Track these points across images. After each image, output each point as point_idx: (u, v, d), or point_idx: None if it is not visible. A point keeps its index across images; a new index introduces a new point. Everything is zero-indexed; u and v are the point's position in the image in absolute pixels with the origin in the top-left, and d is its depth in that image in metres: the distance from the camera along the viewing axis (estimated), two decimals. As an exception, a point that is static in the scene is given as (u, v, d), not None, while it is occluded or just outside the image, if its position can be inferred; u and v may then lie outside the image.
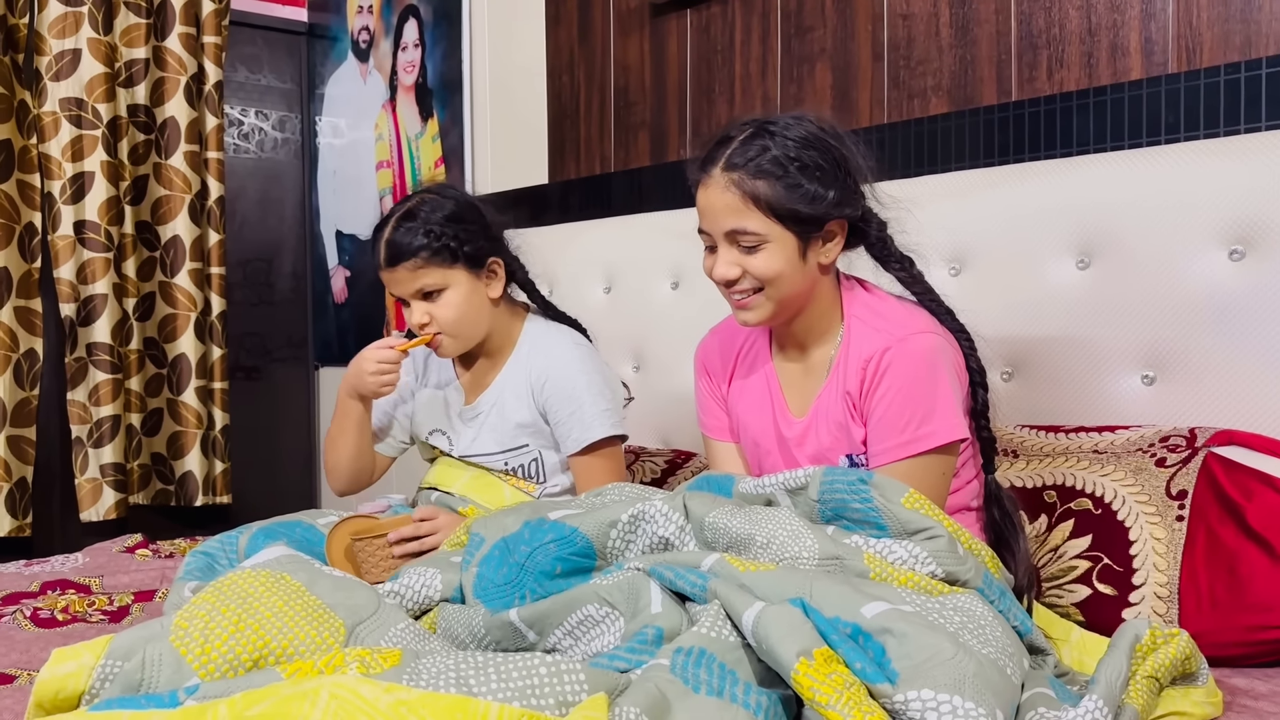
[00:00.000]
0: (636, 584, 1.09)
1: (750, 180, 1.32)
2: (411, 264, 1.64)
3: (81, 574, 1.89)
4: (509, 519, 1.32)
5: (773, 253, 1.34)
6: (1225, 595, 1.29)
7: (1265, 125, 1.54)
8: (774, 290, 1.36)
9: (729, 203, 1.33)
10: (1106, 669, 1.04)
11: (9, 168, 2.72)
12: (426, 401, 1.80)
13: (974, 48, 1.87)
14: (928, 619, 1.01)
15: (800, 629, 0.97)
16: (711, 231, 1.37)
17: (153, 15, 2.97)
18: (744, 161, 1.33)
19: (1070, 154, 1.72)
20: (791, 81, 2.14)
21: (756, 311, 1.39)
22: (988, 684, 0.94)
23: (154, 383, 3.02)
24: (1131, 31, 1.68)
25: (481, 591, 1.23)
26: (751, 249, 1.34)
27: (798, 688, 0.92)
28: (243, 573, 1.16)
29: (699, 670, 0.94)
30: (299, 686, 0.87)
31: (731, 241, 1.35)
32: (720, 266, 1.37)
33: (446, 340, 1.67)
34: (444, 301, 1.65)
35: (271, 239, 3.45)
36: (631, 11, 2.46)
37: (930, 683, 0.92)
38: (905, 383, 1.32)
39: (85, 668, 1.03)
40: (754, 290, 1.37)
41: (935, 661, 0.94)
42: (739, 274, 1.36)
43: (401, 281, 1.66)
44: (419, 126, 2.99)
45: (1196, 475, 1.37)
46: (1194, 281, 1.52)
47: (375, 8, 3.16)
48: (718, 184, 1.34)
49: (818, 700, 0.90)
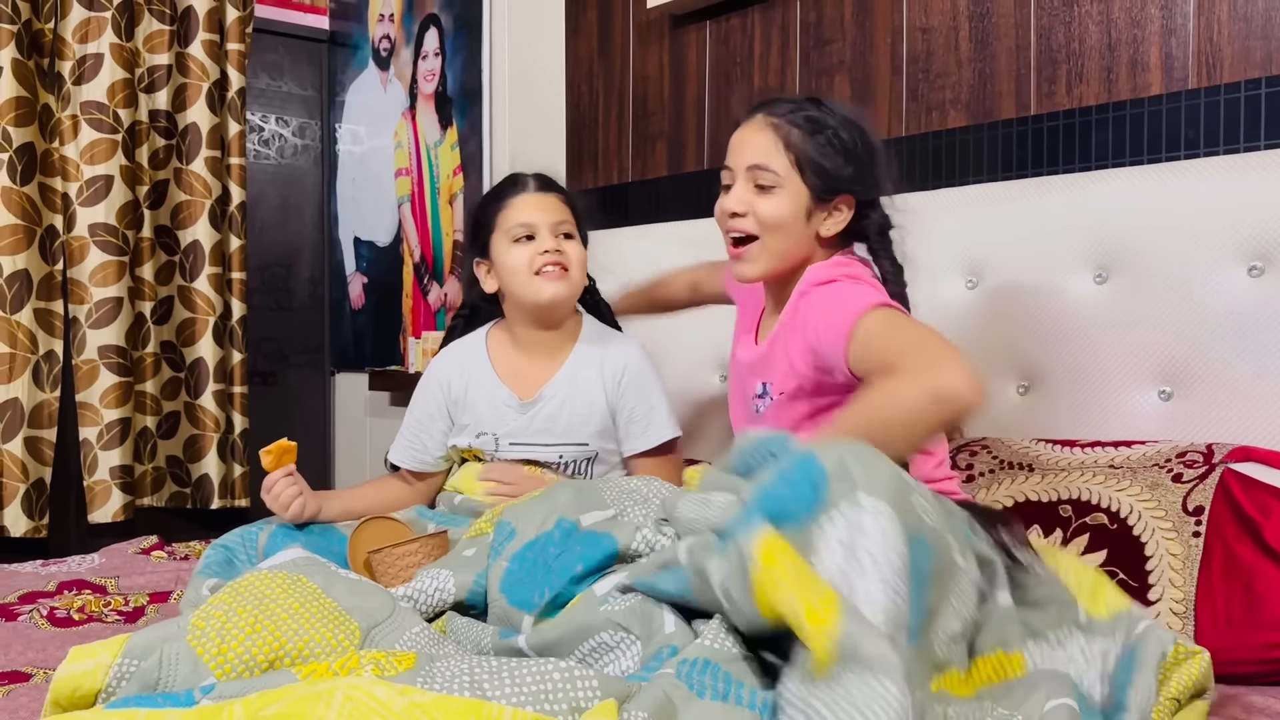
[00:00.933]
0: (648, 607, 1.09)
1: (787, 127, 1.40)
2: (562, 197, 1.74)
3: (98, 574, 1.90)
4: (541, 514, 1.32)
5: (783, 199, 1.40)
6: (1241, 612, 1.28)
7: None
8: (771, 240, 1.41)
9: (762, 140, 1.40)
10: (1137, 693, 1.02)
11: (30, 170, 2.75)
12: (473, 401, 1.77)
13: (993, 61, 1.87)
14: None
15: (746, 545, 0.96)
16: (735, 166, 1.43)
17: (176, 22, 2.99)
18: (787, 112, 1.41)
19: (1089, 169, 1.72)
20: (810, 94, 2.14)
21: (754, 264, 1.43)
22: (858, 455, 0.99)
23: (170, 386, 3.04)
24: (1152, 47, 1.68)
25: (507, 587, 1.24)
26: (766, 189, 1.40)
27: (763, 609, 0.92)
28: (260, 574, 1.17)
29: (704, 677, 0.94)
30: (314, 687, 0.88)
31: (750, 178, 1.41)
32: (730, 199, 1.42)
33: (573, 274, 1.70)
34: (574, 245, 1.73)
35: (290, 245, 3.47)
36: (651, 23, 2.47)
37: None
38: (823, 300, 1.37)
39: (102, 666, 1.03)
40: (749, 237, 1.42)
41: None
42: (746, 210, 1.41)
43: (548, 207, 1.71)
44: (438, 135, 3.01)
45: (1213, 491, 1.37)
46: (1212, 297, 1.51)
47: (396, 16, 3.18)
48: (757, 124, 1.42)
49: (773, 599, 0.90)
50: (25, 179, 2.73)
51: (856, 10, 2.06)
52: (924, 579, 0.99)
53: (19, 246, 2.72)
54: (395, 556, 1.48)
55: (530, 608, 1.20)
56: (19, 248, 2.72)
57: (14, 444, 2.71)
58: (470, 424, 1.76)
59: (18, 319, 2.72)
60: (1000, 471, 1.55)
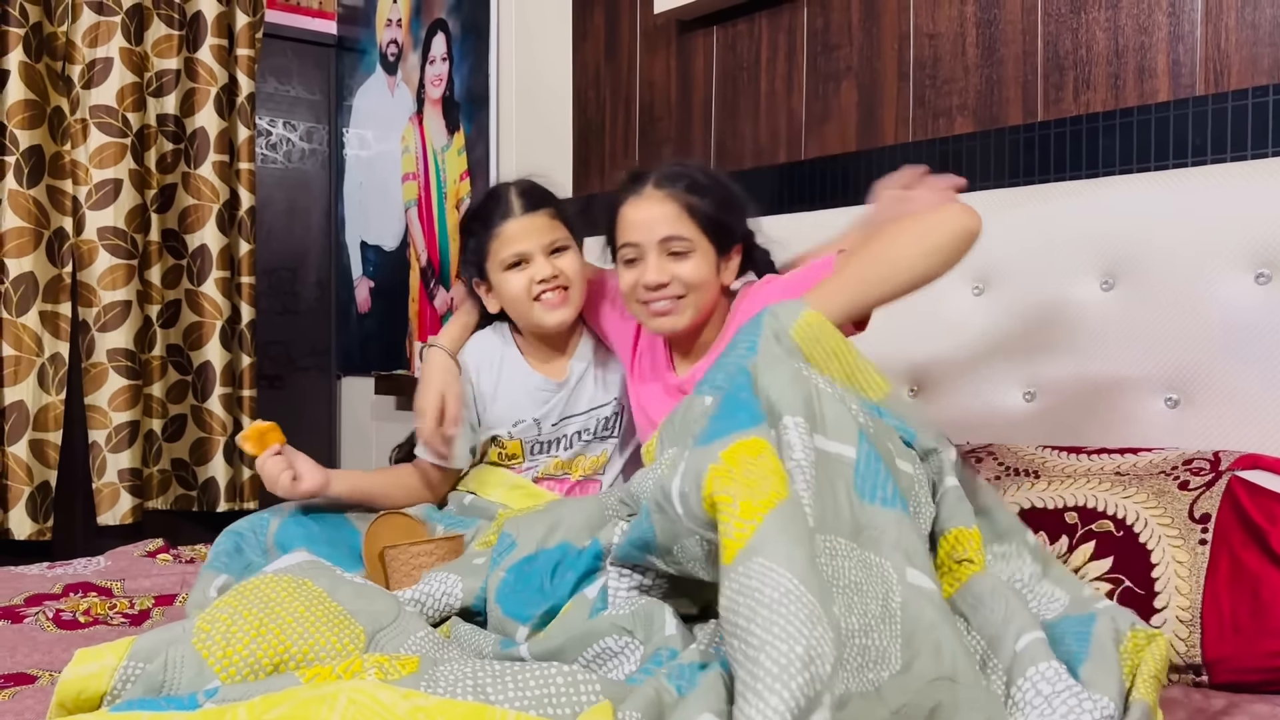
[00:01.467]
0: (649, 609, 1.09)
1: (684, 194, 1.51)
2: (550, 211, 1.71)
3: (103, 577, 1.90)
4: (544, 529, 1.33)
5: (699, 261, 1.52)
6: (1248, 620, 1.28)
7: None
8: (695, 297, 1.53)
9: (666, 211, 1.51)
10: (1103, 675, 1.02)
11: (38, 173, 2.76)
12: (504, 395, 1.78)
13: (1000, 68, 1.87)
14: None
15: (711, 449, 0.98)
16: (643, 241, 1.52)
17: (185, 27, 3.01)
18: (675, 179, 1.53)
19: (1096, 175, 1.72)
20: (817, 99, 2.15)
21: (681, 316, 1.53)
22: (804, 403, 1.09)
23: (177, 389, 3.04)
24: (1159, 53, 1.68)
25: (502, 597, 1.25)
26: (681, 255, 1.51)
27: (707, 505, 0.93)
28: (265, 577, 1.17)
29: (695, 676, 0.95)
30: (318, 691, 0.88)
31: (663, 249, 1.51)
32: (651, 272, 1.51)
33: (573, 295, 1.71)
34: (569, 257, 1.72)
35: (297, 249, 3.48)
36: (658, 28, 2.47)
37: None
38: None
39: (107, 669, 1.04)
40: (677, 297, 1.52)
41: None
42: (669, 279, 1.51)
43: (537, 230, 1.69)
44: (445, 139, 3.02)
45: (1220, 499, 1.36)
46: (1220, 304, 1.51)
47: (404, 21, 3.19)
48: (653, 197, 1.52)
49: (716, 493, 0.92)
50: (33, 181, 2.74)
51: (864, 16, 2.06)
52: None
53: (26, 249, 2.73)
54: (410, 555, 1.48)
55: (524, 619, 1.21)
56: (25, 250, 2.73)
57: (19, 447, 2.72)
58: (506, 415, 1.77)
59: (24, 321, 2.73)
60: (1006, 478, 1.54)
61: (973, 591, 1.11)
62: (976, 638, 1.07)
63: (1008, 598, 1.08)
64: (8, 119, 2.70)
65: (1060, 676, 0.97)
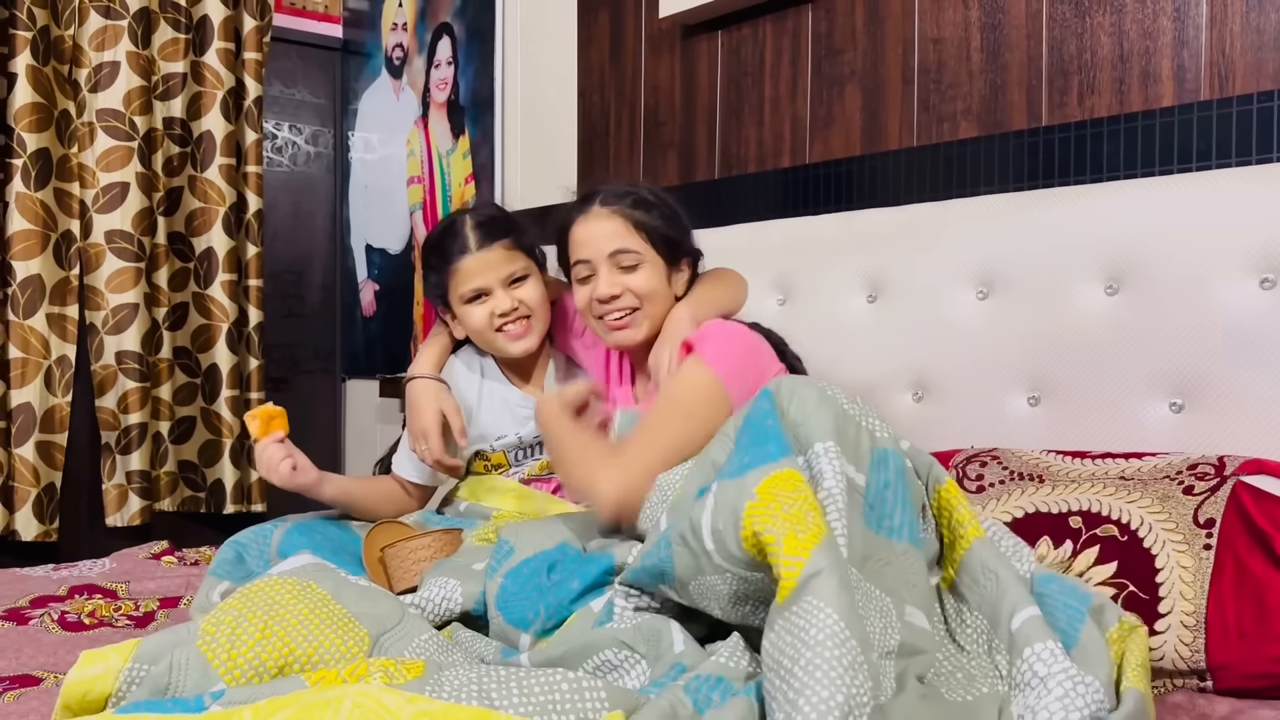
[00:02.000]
0: (655, 625, 1.09)
1: (630, 209, 1.58)
2: (506, 243, 1.71)
3: (108, 579, 1.91)
4: (542, 534, 1.33)
5: (649, 272, 1.57)
6: (1253, 626, 1.27)
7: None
8: (650, 307, 1.58)
9: (614, 227, 1.57)
10: (1085, 658, 1.02)
11: (46, 176, 2.77)
12: (486, 414, 1.80)
13: (1004, 72, 1.87)
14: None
15: (745, 483, 0.99)
16: (594, 257, 1.57)
17: (191, 30, 3.01)
18: (620, 197, 1.59)
19: (1100, 180, 1.71)
20: (821, 104, 2.15)
21: (638, 329, 1.58)
22: (838, 430, 1.08)
23: (185, 391, 3.05)
24: (1164, 58, 1.68)
25: (503, 604, 1.24)
26: (631, 268, 1.56)
27: (746, 543, 0.94)
28: (269, 580, 1.18)
29: (712, 693, 0.94)
30: (323, 694, 0.88)
31: (613, 263, 1.56)
32: (603, 285, 1.56)
33: (535, 324, 1.73)
34: (530, 286, 1.72)
35: (302, 252, 3.49)
36: (662, 32, 2.48)
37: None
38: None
39: (112, 670, 1.04)
40: (631, 310, 1.57)
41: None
42: (621, 290, 1.56)
43: (494, 264, 1.70)
44: (450, 143, 3.02)
45: (1225, 504, 1.36)
46: (1224, 309, 1.51)
47: (409, 25, 3.19)
48: (600, 215, 1.58)
49: (759, 532, 0.92)
50: (40, 184, 2.75)
51: (868, 20, 2.07)
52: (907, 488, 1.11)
53: (33, 251, 2.74)
54: (408, 551, 1.49)
55: (526, 626, 1.20)
56: (33, 253, 2.74)
57: (26, 448, 2.73)
58: (489, 431, 1.78)
59: (31, 324, 2.74)
60: (1010, 482, 1.54)
61: (968, 571, 1.12)
62: (978, 616, 1.08)
63: (996, 571, 1.09)
64: (15, 122, 2.71)
65: (1056, 658, 0.98)
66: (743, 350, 1.51)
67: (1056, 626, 1.05)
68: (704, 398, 1.43)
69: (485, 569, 1.34)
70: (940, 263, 1.82)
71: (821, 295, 1.99)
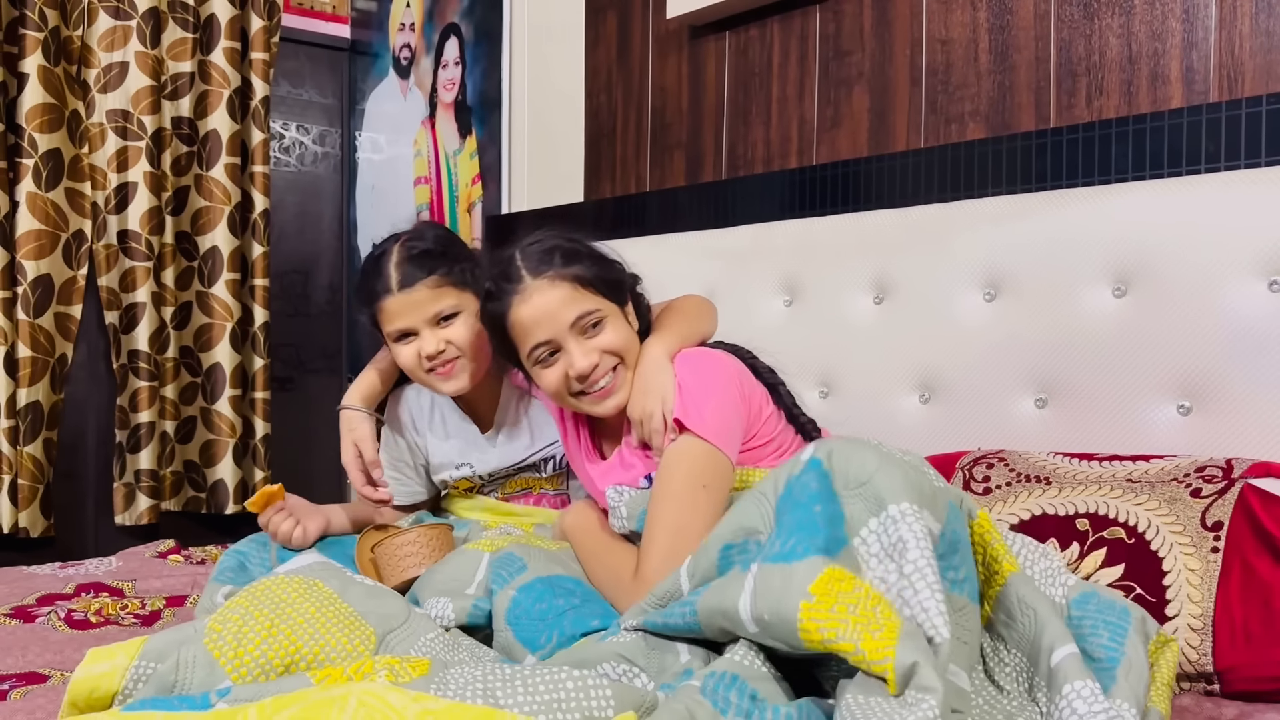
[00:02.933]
0: (659, 644, 1.08)
1: (564, 268, 1.41)
2: (432, 281, 1.60)
3: (115, 578, 1.91)
4: (556, 563, 1.33)
5: (614, 324, 1.43)
6: (1260, 629, 1.27)
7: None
8: (630, 358, 1.44)
9: (563, 294, 1.40)
10: (1130, 674, 1.02)
11: (57, 176, 2.77)
12: (441, 443, 1.79)
13: (1012, 74, 1.86)
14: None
15: (794, 573, 0.96)
16: (554, 334, 1.40)
17: (198, 30, 3.02)
18: (548, 261, 1.41)
19: (1108, 182, 1.71)
20: (829, 105, 2.15)
21: (624, 387, 1.44)
22: (912, 486, 1.01)
23: (188, 391, 3.06)
24: (1172, 60, 1.68)
25: (514, 619, 1.22)
26: (597, 326, 1.41)
27: (809, 642, 0.92)
28: (276, 579, 1.18)
29: (729, 693, 0.93)
30: (328, 692, 0.88)
31: (578, 331, 1.40)
32: (579, 360, 1.39)
33: (462, 364, 1.63)
34: (460, 324, 1.62)
35: (309, 252, 3.49)
36: (670, 33, 2.48)
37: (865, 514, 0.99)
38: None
39: (119, 668, 1.04)
40: (612, 369, 1.42)
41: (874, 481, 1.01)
42: (598, 357, 1.40)
43: (419, 305, 1.60)
44: (457, 143, 3.02)
45: (1233, 507, 1.36)
46: (1232, 312, 1.50)
47: (417, 25, 3.20)
48: (539, 288, 1.40)
49: (827, 638, 0.90)
50: (51, 184, 2.76)
51: (876, 22, 2.06)
52: (964, 546, 1.05)
53: (43, 251, 2.74)
54: (395, 547, 1.49)
55: (536, 648, 1.19)
56: (43, 253, 2.74)
57: (34, 446, 2.73)
58: (448, 459, 1.78)
59: (39, 323, 2.75)
60: (1017, 484, 1.54)
61: (1004, 608, 1.09)
62: (1016, 654, 1.06)
63: (1035, 606, 1.07)
64: (26, 122, 2.72)
65: (1096, 697, 0.97)
66: (722, 392, 1.39)
67: (1099, 643, 1.05)
68: (709, 474, 1.32)
69: (480, 587, 1.32)
70: (947, 264, 1.81)
71: (828, 296, 1.98)
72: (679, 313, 1.55)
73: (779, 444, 1.47)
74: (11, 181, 2.74)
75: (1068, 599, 1.14)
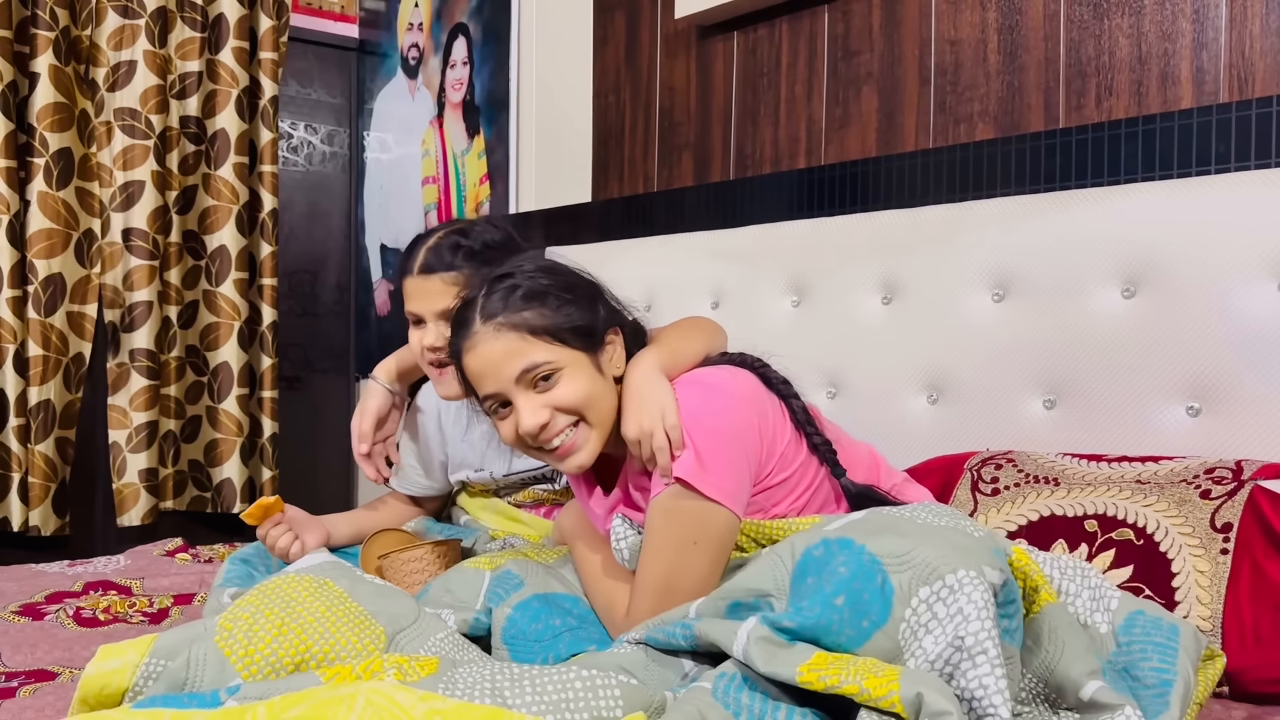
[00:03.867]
0: (660, 658, 1.07)
1: (517, 315, 1.26)
2: (450, 277, 1.56)
3: (123, 575, 1.92)
4: (554, 578, 1.32)
5: (573, 376, 1.26)
6: (1270, 631, 1.27)
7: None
8: (592, 414, 1.27)
9: (508, 346, 1.25)
10: (1180, 687, 1.02)
11: (68, 175, 2.78)
12: (460, 443, 1.78)
13: (1022, 74, 1.86)
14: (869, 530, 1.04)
15: (792, 647, 0.96)
16: (501, 389, 1.26)
17: (207, 29, 3.03)
18: (502, 306, 1.27)
19: (1118, 183, 1.71)
20: (837, 105, 2.14)
21: (588, 444, 1.28)
22: (957, 548, 0.98)
23: (194, 390, 3.06)
24: (1183, 60, 1.67)
25: (510, 638, 1.21)
26: (548, 379, 1.25)
27: (809, 687, 0.91)
28: (286, 578, 1.18)
29: (740, 695, 0.93)
30: (336, 691, 0.88)
31: (527, 385, 1.25)
32: (527, 418, 1.25)
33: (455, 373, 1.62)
34: None
35: (317, 251, 3.50)
36: (678, 33, 2.48)
37: (922, 580, 0.96)
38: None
39: (130, 665, 1.04)
40: (572, 425, 1.27)
41: (903, 560, 0.98)
42: (549, 415, 1.25)
43: (432, 294, 1.56)
44: (465, 143, 3.03)
45: (1242, 508, 1.35)
46: (1242, 313, 1.50)
47: (425, 25, 3.20)
48: (486, 337, 1.26)
49: (830, 685, 0.89)
50: (62, 184, 2.77)
51: (885, 22, 2.06)
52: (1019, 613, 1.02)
53: (55, 250, 2.75)
54: (403, 561, 1.49)
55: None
56: (55, 251, 2.75)
57: (45, 445, 2.74)
58: (467, 460, 1.77)
59: (51, 321, 2.76)
60: (1025, 485, 1.54)
61: (1031, 634, 1.07)
62: (1031, 678, 1.04)
63: (1065, 639, 1.04)
64: (37, 122, 2.73)
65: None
66: (730, 440, 1.25)
67: (1150, 668, 1.04)
68: (700, 530, 1.22)
69: (482, 604, 1.31)
70: (956, 265, 1.81)
71: (836, 297, 1.98)
72: (673, 328, 1.43)
73: (795, 483, 1.33)
74: (22, 181, 2.75)
75: (1114, 625, 1.12)
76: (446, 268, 1.56)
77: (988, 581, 0.95)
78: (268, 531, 1.59)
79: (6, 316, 2.70)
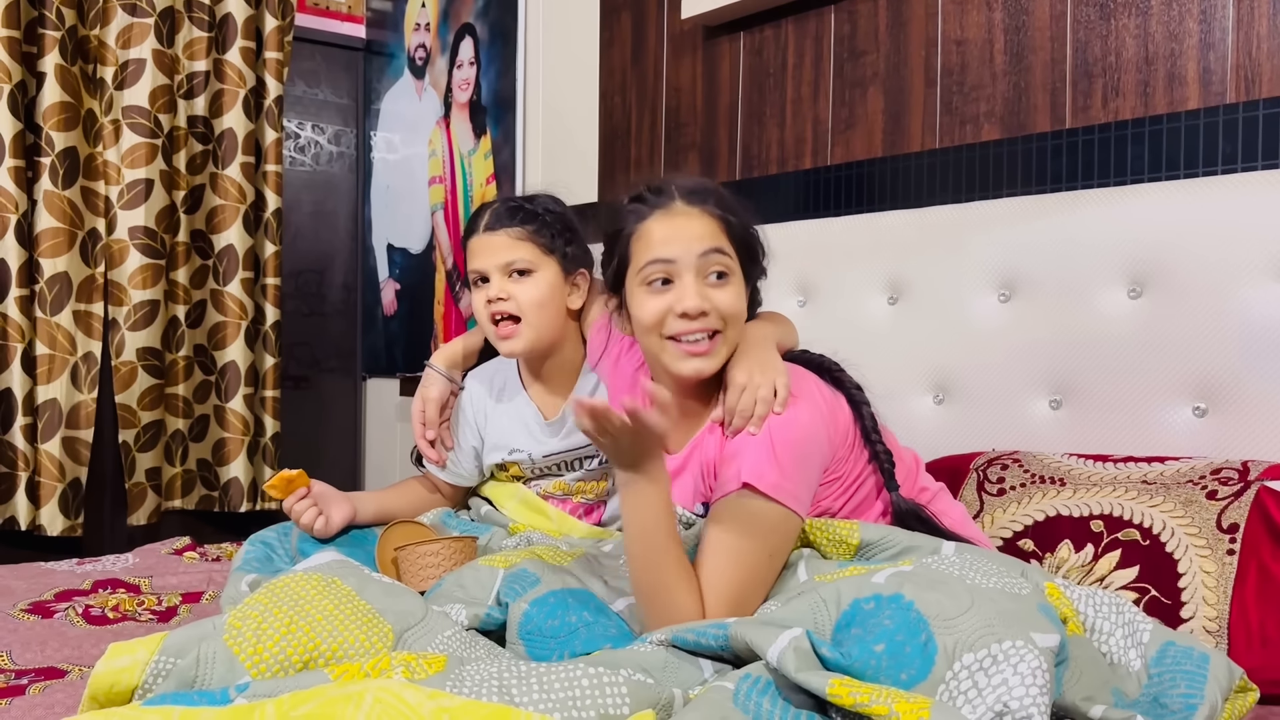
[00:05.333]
0: (680, 661, 1.06)
1: (718, 210, 1.30)
2: (516, 232, 1.63)
3: (132, 574, 1.92)
4: (570, 576, 1.32)
5: (736, 290, 1.30)
6: (1276, 631, 1.27)
7: (1325, 157, 1.52)
8: (731, 333, 1.30)
9: (707, 226, 1.28)
10: (1205, 711, 1.03)
11: (73, 174, 2.79)
12: (502, 423, 1.78)
13: (1028, 75, 1.86)
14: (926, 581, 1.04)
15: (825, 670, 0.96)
16: (679, 256, 1.27)
17: (214, 29, 3.04)
18: (704, 195, 1.31)
19: (1124, 183, 1.71)
20: (843, 105, 2.15)
21: (715, 358, 1.29)
22: (1002, 614, 0.97)
23: (201, 389, 3.07)
24: (1189, 60, 1.67)
25: (527, 634, 1.20)
26: (720, 281, 1.28)
27: (837, 700, 0.91)
28: (295, 576, 1.18)
29: (763, 699, 0.93)
30: (345, 689, 0.89)
31: (702, 270, 1.27)
32: (691, 297, 1.26)
33: (523, 329, 1.64)
34: (530, 282, 1.64)
35: (324, 251, 3.51)
36: (684, 34, 2.48)
37: (967, 646, 0.94)
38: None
39: (139, 663, 1.05)
40: (713, 333, 1.28)
41: (958, 623, 0.97)
42: (709, 307, 1.27)
43: (496, 249, 1.63)
44: (472, 143, 3.03)
45: (1249, 509, 1.35)
46: (1249, 313, 1.50)
47: (432, 25, 3.21)
48: (686, 212, 1.29)
49: (860, 702, 0.89)
50: (68, 183, 2.77)
51: (891, 22, 2.06)
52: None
53: (60, 249, 2.76)
54: (418, 555, 1.50)
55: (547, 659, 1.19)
56: (60, 250, 2.76)
57: (52, 444, 2.75)
58: (502, 441, 1.78)
59: (57, 320, 2.77)
60: (1032, 485, 1.54)
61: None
62: None
63: (1083, 669, 1.05)
64: (44, 121, 2.74)
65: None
66: (808, 449, 1.25)
67: (1177, 694, 1.05)
68: (778, 540, 1.22)
69: (494, 600, 1.31)
70: (962, 265, 1.81)
71: (842, 297, 1.98)
72: (769, 315, 1.46)
73: (842, 480, 1.33)
74: (30, 180, 2.76)
75: (1146, 658, 1.12)
76: (516, 223, 1.65)
77: (1038, 648, 0.94)
78: (293, 505, 1.60)
79: (14, 316, 2.71)
